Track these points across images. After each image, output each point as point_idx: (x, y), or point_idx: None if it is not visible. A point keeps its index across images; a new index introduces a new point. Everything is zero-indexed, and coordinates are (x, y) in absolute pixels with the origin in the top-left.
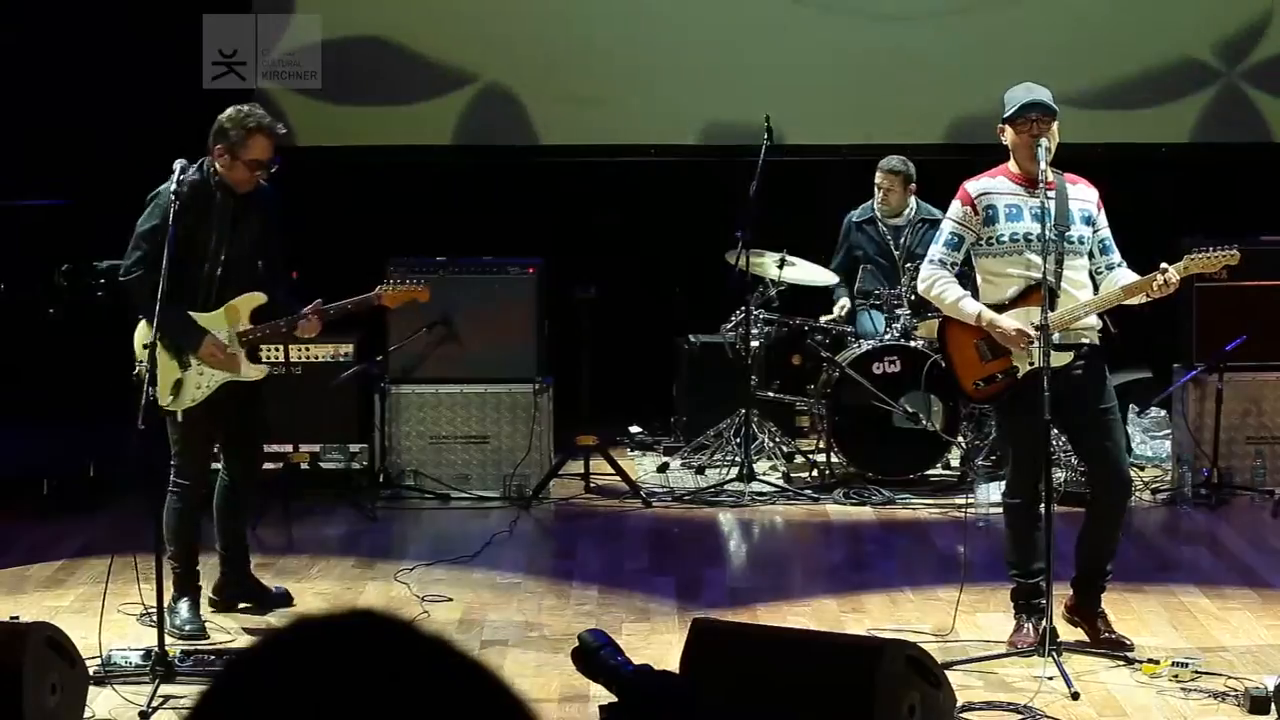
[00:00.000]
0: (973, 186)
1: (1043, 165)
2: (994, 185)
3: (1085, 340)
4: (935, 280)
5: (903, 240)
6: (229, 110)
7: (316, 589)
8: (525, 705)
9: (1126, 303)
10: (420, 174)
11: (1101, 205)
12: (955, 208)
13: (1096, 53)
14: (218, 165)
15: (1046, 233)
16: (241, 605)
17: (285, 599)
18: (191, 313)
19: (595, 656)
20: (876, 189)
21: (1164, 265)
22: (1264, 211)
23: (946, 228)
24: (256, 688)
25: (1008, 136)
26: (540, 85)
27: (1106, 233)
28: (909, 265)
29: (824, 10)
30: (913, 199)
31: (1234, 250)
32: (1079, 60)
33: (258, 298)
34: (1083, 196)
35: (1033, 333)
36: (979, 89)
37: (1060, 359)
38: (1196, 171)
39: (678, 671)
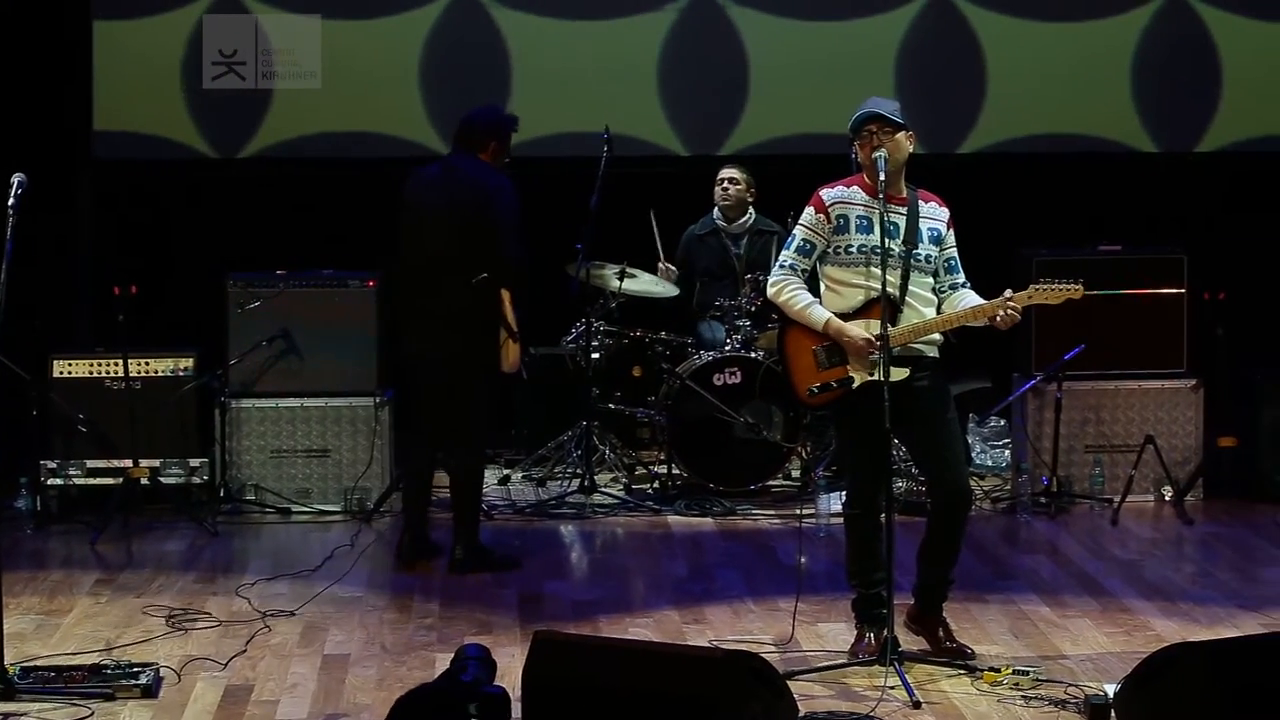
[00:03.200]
0: (827, 194)
1: (882, 176)
2: (849, 195)
3: (925, 354)
4: (785, 285)
5: (742, 251)
6: (486, 111)
7: (157, 604)
8: None
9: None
10: (260, 187)
11: (952, 224)
12: (808, 214)
13: (932, 59)
14: (489, 157)
15: (886, 243)
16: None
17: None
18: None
19: (454, 666)
20: (722, 189)
21: (1009, 293)
22: (1102, 220)
23: (798, 234)
24: None
25: (857, 152)
26: (380, 96)
27: (953, 252)
28: (749, 276)
29: (669, 18)
30: (751, 208)
31: (1079, 284)
32: (915, 69)
33: None
34: (933, 215)
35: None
36: (823, 102)
37: (898, 374)
38: (1035, 180)
39: (520, 685)
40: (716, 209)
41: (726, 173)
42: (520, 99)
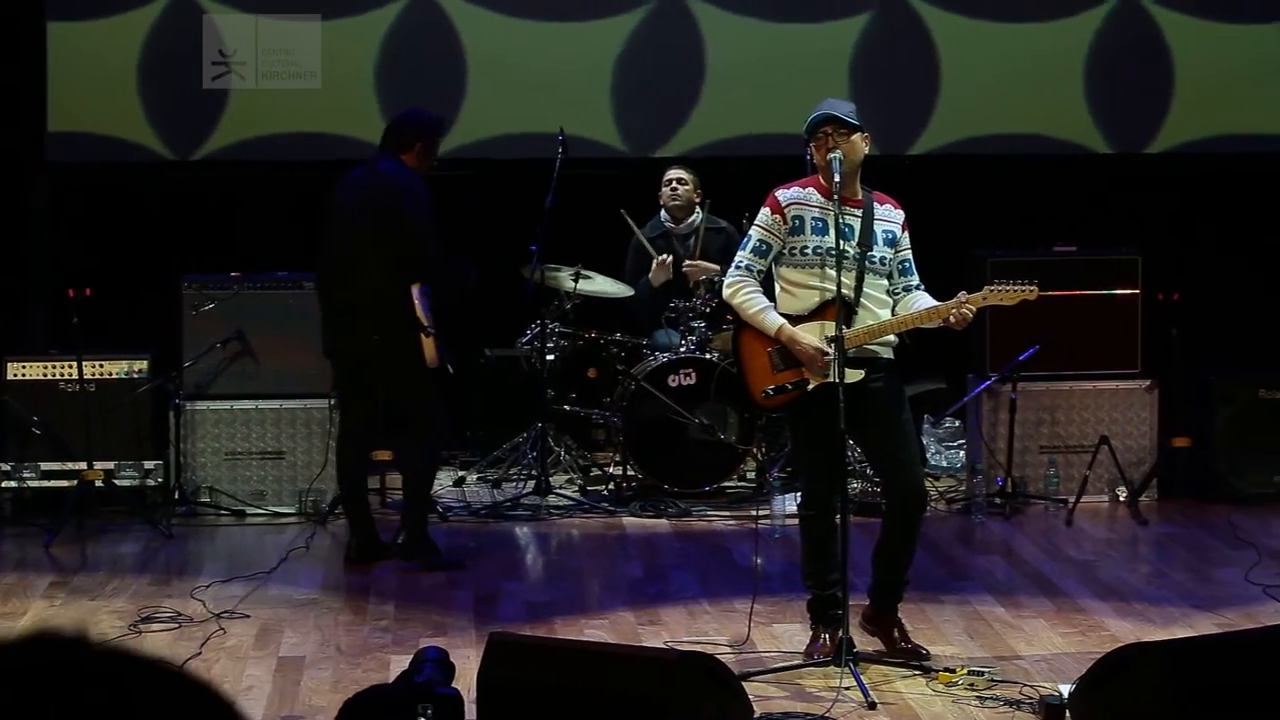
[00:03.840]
0: (783, 195)
1: (837, 178)
2: (804, 196)
3: (880, 355)
4: (741, 288)
5: (693, 251)
6: (413, 113)
7: (111, 607)
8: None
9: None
10: (215, 188)
11: (907, 226)
12: (764, 215)
13: (886, 59)
14: (414, 159)
15: (840, 244)
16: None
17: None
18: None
19: (411, 667)
20: (671, 190)
21: (963, 294)
22: (1056, 221)
23: (754, 234)
24: None
25: (813, 153)
26: (335, 96)
27: (908, 254)
28: (703, 278)
29: (630, 22)
30: (698, 208)
31: (1033, 285)
32: (868, 69)
33: None
34: (888, 217)
35: (828, 350)
36: (779, 102)
37: (853, 375)
38: (989, 181)
39: (475, 686)
40: (664, 210)
41: (674, 173)
42: (476, 99)
